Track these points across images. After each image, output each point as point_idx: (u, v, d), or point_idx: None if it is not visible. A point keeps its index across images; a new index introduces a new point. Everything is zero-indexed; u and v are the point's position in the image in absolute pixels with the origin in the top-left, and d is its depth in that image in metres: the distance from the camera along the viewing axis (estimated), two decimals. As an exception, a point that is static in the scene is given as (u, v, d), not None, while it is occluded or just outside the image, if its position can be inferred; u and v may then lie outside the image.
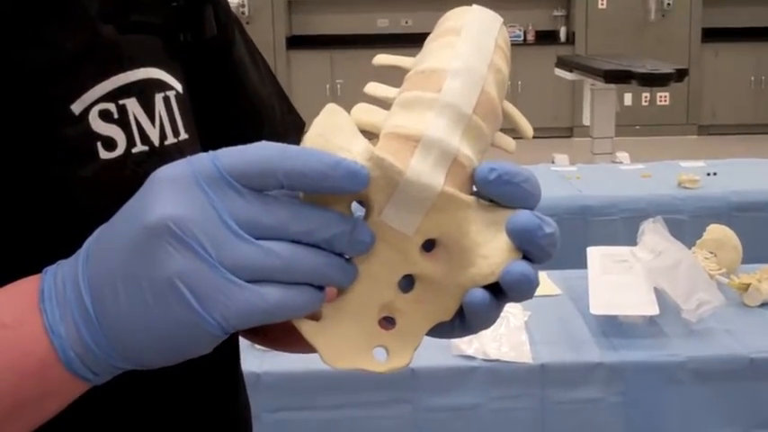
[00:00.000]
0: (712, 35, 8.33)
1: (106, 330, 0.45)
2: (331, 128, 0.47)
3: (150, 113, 0.58)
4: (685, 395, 1.82)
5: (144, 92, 0.58)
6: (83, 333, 0.45)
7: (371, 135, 0.49)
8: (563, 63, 6.19)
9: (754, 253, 2.31)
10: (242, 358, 0.74)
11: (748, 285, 2.05)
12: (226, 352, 0.70)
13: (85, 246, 0.47)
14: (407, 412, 1.82)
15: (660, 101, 8.25)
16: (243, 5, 8.11)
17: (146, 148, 0.57)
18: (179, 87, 0.62)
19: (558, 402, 1.81)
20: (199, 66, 0.65)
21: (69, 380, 0.46)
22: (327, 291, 0.47)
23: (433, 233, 0.48)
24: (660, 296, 1.91)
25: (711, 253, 2.18)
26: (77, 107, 0.54)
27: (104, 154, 0.55)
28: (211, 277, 0.43)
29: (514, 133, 0.54)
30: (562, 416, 1.82)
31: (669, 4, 8.27)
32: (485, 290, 0.48)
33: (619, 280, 1.96)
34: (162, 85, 0.60)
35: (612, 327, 1.93)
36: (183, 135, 0.61)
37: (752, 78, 8.42)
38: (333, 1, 8.62)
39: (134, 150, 0.56)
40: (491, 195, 0.48)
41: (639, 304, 1.89)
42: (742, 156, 3.99)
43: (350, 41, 8.24)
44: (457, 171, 0.47)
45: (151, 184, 0.45)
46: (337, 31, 8.60)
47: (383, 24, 8.65)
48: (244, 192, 0.44)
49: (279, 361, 1.82)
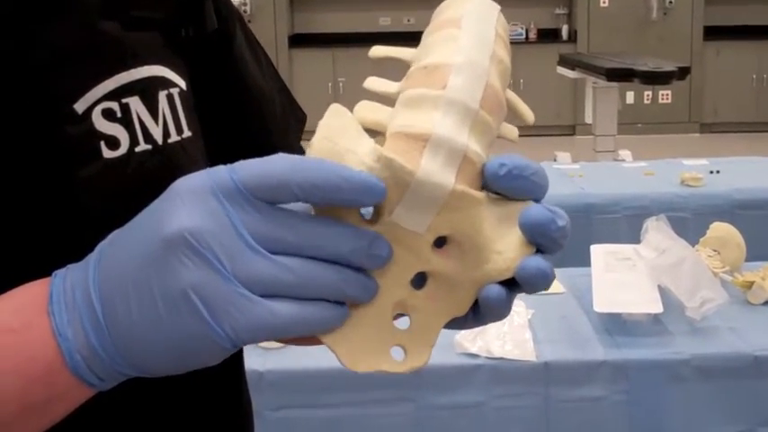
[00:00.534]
0: (714, 33, 8.33)
1: (115, 337, 0.44)
2: (336, 130, 0.47)
3: (153, 112, 0.58)
4: (689, 393, 1.81)
5: (147, 90, 0.58)
6: (91, 339, 0.45)
7: (376, 133, 0.49)
8: (565, 61, 6.19)
9: (757, 251, 2.31)
10: (245, 356, 0.74)
11: (752, 283, 2.05)
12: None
13: (97, 251, 0.46)
14: (411, 410, 1.81)
15: (662, 99, 8.24)
16: (245, 4, 8.11)
17: (149, 147, 0.57)
18: (183, 84, 0.62)
19: (562, 400, 1.81)
20: (201, 61, 0.65)
21: (75, 385, 0.46)
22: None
23: (445, 230, 0.48)
24: (664, 294, 1.90)
25: (715, 251, 2.17)
26: (80, 106, 0.54)
27: (107, 153, 0.55)
28: (224, 290, 0.43)
29: (515, 122, 0.53)
30: (566, 414, 1.82)
31: (671, 3, 8.27)
32: (500, 285, 0.48)
33: (622, 278, 1.96)
34: (165, 83, 0.60)
35: (616, 325, 1.93)
36: (187, 132, 0.61)
37: (754, 76, 8.42)
38: (334, -1, 8.62)
39: (137, 149, 0.56)
40: (501, 190, 0.48)
41: (643, 302, 1.89)
42: (744, 154, 4.00)
43: (352, 40, 8.23)
44: (467, 168, 0.47)
45: (170, 195, 0.45)
46: (339, 30, 8.60)
47: (385, 23, 8.65)
48: (260, 205, 0.44)
49: (282, 359, 1.82)
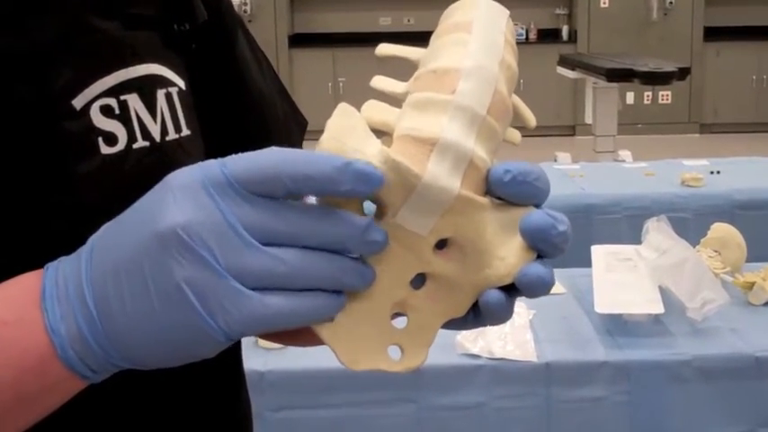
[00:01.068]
0: (714, 34, 8.33)
1: (108, 330, 0.45)
2: (344, 129, 0.47)
3: (152, 109, 0.58)
4: (690, 394, 1.81)
5: (146, 88, 0.58)
6: (84, 331, 0.45)
7: (383, 133, 0.49)
8: (565, 61, 6.19)
9: (758, 251, 2.31)
10: (245, 357, 0.75)
11: (753, 284, 2.05)
12: (227, 350, 0.70)
13: (89, 244, 0.47)
14: (412, 411, 1.81)
15: (662, 99, 8.24)
16: (245, 4, 8.11)
17: (147, 144, 0.57)
18: (181, 84, 0.62)
19: (563, 401, 1.81)
20: (201, 61, 0.66)
21: (68, 377, 0.46)
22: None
23: (448, 233, 0.48)
24: (665, 295, 1.90)
25: (716, 251, 2.17)
26: (79, 102, 0.54)
27: (105, 149, 0.55)
28: (217, 284, 0.43)
29: (515, 124, 0.54)
30: (567, 414, 1.82)
31: (671, 3, 8.27)
32: (500, 290, 0.48)
33: (623, 278, 1.96)
34: (164, 81, 0.60)
35: (617, 325, 1.93)
36: (186, 131, 0.61)
37: (753, 77, 8.42)
38: (335, -1, 8.62)
39: (135, 146, 0.57)
40: (505, 195, 0.49)
41: (644, 303, 1.89)
42: (743, 154, 3.99)
43: (352, 40, 8.23)
44: (472, 173, 0.48)
45: (162, 189, 0.45)
46: (340, 30, 8.59)
47: (385, 23, 8.65)
48: (251, 198, 0.44)
49: (282, 359, 1.82)
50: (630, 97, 7.89)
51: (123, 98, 0.56)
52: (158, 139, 0.58)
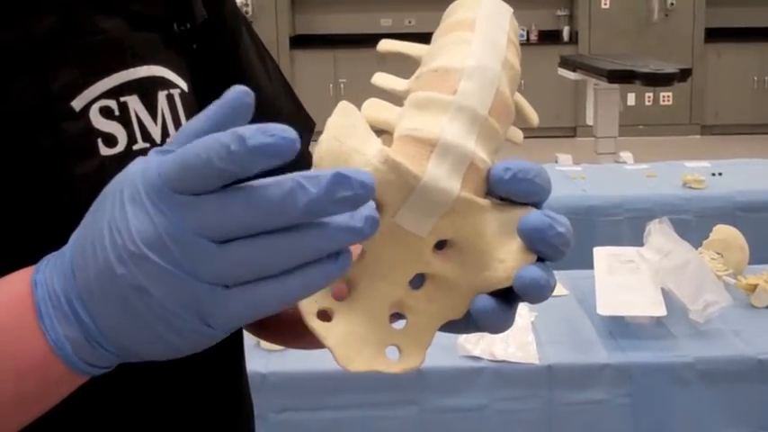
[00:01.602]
0: (715, 35, 8.32)
1: (102, 329, 0.44)
2: (345, 129, 0.46)
3: (152, 111, 0.58)
4: (692, 396, 1.81)
5: (146, 89, 0.58)
6: (78, 333, 0.44)
7: (383, 132, 0.49)
8: (566, 63, 6.18)
9: (760, 253, 2.31)
10: (248, 358, 0.75)
11: (755, 286, 2.05)
12: (229, 351, 0.70)
13: (69, 251, 0.45)
14: (414, 413, 1.81)
15: (663, 101, 8.24)
16: (246, 5, 8.11)
17: (147, 145, 0.57)
18: (183, 85, 0.62)
19: (565, 403, 1.81)
20: (204, 62, 0.65)
21: (68, 373, 0.45)
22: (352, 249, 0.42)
23: (448, 234, 0.47)
24: (667, 297, 1.90)
25: (718, 253, 2.17)
26: (78, 103, 0.54)
27: (105, 150, 0.55)
28: (195, 292, 0.41)
29: (519, 124, 0.53)
30: (569, 417, 1.82)
31: (672, 4, 8.26)
32: (492, 296, 0.48)
33: (625, 280, 1.96)
34: (165, 83, 0.60)
35: (619, 327, 1.92)
36: None
37: (755, 78, 8.41)
38: (336, 0, 8.62)
39: (135, 147, 0.57)
40: (505, 193, 0.48)
41: (646, 305, 1.89)
42: (744, 156, 3.99)
43: (353, 41, 8.23)
44: (472, 174, 0.47)
45: (114, 200, 0.42)
46: (341, 31, 8.59)
47: (386, 24, 8.64)
48: (195, 200, 0.41)
49: (285, 361, 1.82)
50: (632, 98, 7.89)
51: (123, 100, 0.56)
52: (159, 141, 0.58)
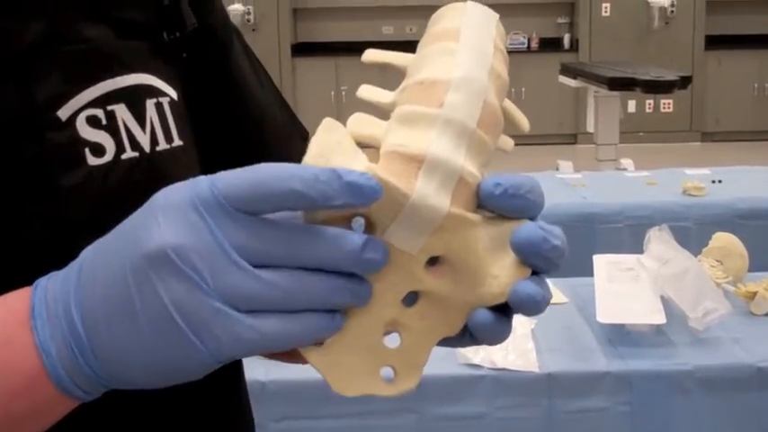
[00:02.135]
0: (716, 42, 8.33)
1: (97, 352, 0.44)
2: (330, 146, 0.45)
3: (141, 119, 0.57)
4: (692, 404, 1.81)
5: (134, 98, 0.57)
6: (73, 352, 0.44)
7: (369, 146, 0.47)
8: (567, 70, 6.20)
9: (759, 261, 2.31)
10: (247, 367, 0.74)
11: (755, 294, 2.05)
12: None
13: (78, 262, 0.46)
14: (413, 421, 1.81)
15: (664, 108, 8.24)
16: (248, 13, 8.13)
17: (136, 155, 0.57)
18: (173, 94, 0.61)
19: (565, 411, 1.81)
20: (195, 70, 0.65)
21: (58, 397, 0.45)
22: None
23: (439, 251, 0.46)
24: (667, 304, 1.90)
25: (718, 261, 2.17)
26: (64, 113, 0.53)
27: (92, 160, 0.54)
28: (207, 307, 0.42)
29: (510, 131, 0.52)
30: (569, 425, 1.81)
31: (672, 12, 8.27)
32: (490, 310, 0.47)
33: (625, 288, 1.96)
34: (154, 92, 0.59)
35: (619, 335, 1.92)
36: (177, 141, 0.60)
37: (755, 85, 8.42)
38: (338, 8, 8.63)
39: (123, 156, 0.56)
40: (497, 209, 0.47)
41: (646, 313, 1.88)
42: (745, 163, 3.99)
43: (355, 48, 8.20)
44: (462, 189, 0.46)
45: (151, 208, 0.44)
46: (342, 39, 8.61)
47: (388, 32, 8.66)
48: (242, 218, 0.42)
49: (284, 370, 1.82)
50: (632, 106, 7.90)
51: (110, 108, 0.55)
52: (148, 150, 0.57)
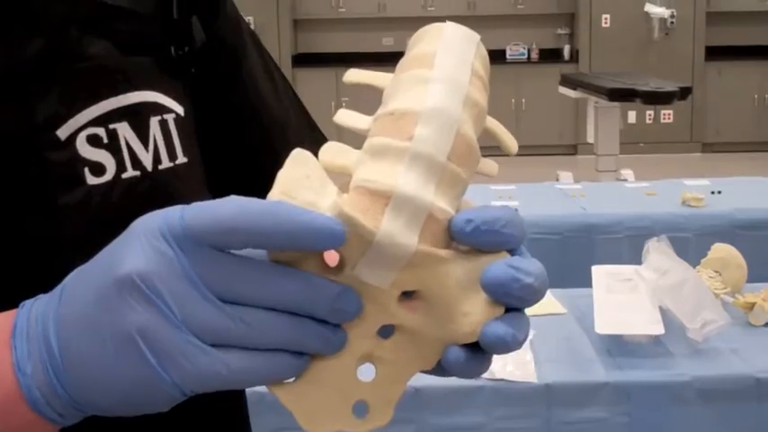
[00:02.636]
0: (716, 53, 8.35)
1: (70, 374, 0.43)
2: (296, 182, 0.44)
3: (143, 137, 0.57)
4: (691, 415, 1.81)
5: (137, 115, 0.57)
6: (49, 374, 0.43)
7: (343, 176, 0.46)
8: (567, 81, 6.21)
9: (758, 272, 2.31)
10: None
11: (753, 304, 2.05)
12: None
13: (62, 285, 0.45)
14: None
15: (664, 119, 8.26)
16: (248, 23, 8.16)
17: (137, 173, 0.56)
18: (179, 110, 0.61)
19: (564, 422, 1.81)
20: (204, 85, 0.65)
21: (35, 420, 0.44)
22: None
23: (412, 285, 0.45)
24: (665, 315, 1.90)
25: (716, 272, 2.17)
26: (63, 132, 0.53)
27: (91, 179, 0.54)
28: (172, 337, 0.41)
29: (498, 151, 0.51)
30: (567, 435, 1.81)
31: (672, 23, 8.29)
32: (464, 347, 0.45)
33: (624, 299, 1.96)
34: (159, 108, 0.59)
35: (618, 346, 1.92)
36: (182, 159, 0.60)
37: (755, 96, 8.43)
38: (338, 19, 8.66)
39: (124, 175, 0.55)
40: (470, 245, 0.45)
41: (645, 323, 1.88)
42: (745, 174, 4.00)
43: (355, 59, 8.26)
44: (432, 225, 0.44)
45: (127, 235, 0.43)
46: (343, 50, 8.63)
47: (388, 43, 8.68)
48: (212, 252, 0.42)
49: (283, 380, 1.81)
50: (632, 116, 7.91)
51: (113, 127, 0.55)
52: (150, 168, 0.57)
